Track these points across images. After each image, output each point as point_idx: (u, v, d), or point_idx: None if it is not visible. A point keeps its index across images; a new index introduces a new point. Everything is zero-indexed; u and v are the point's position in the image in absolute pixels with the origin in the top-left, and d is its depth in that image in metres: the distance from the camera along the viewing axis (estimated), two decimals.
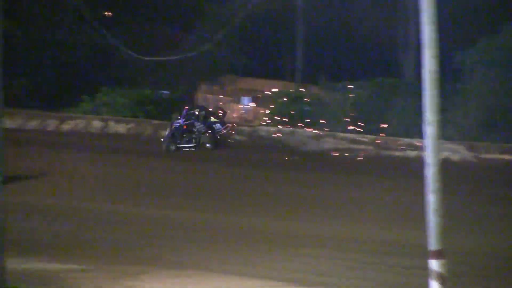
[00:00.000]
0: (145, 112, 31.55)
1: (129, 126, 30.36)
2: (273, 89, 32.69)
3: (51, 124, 31.31)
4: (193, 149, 26.82)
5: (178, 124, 26.85)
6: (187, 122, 26.98)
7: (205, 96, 36.10)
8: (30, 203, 18.53)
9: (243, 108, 34.74)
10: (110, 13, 39.52)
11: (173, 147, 26.68)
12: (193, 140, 26.91)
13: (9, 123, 27.64)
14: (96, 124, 30.80)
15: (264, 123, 30.19)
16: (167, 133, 27.21)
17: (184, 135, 26.94)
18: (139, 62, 32.78)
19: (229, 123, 28.61)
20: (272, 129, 28.77)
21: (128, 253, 14.04)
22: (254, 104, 34.69)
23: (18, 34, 34.80)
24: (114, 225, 16.62)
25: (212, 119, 27.51)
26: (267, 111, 30.86)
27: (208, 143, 27.00)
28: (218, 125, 27.39)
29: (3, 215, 9.52)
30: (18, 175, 20.77)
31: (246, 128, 29.26)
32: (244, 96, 35.23)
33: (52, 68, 36.53)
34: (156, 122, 30.21)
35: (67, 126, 30.91)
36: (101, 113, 31.86)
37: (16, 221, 15.34)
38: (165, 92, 33.99)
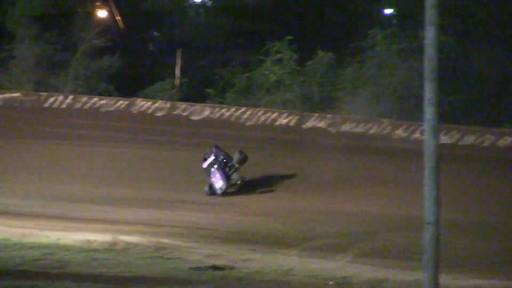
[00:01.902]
0: None
1: None
2: None
3: (488, 139, 31.05)
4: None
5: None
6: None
7: None
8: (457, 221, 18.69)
9: None
10: None
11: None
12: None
13: (444, 138, 28.17)
14: None
15: None
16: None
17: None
18: None
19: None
20: None
21: None
22: None
23: (457, 49, 35.12)
24: None
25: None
26: None
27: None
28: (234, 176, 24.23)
29: (438, 230, 9.68)
30: None
31: None
32: None
33: (487, 83, 36.43)
34: None
35: (504, 142, 30.46)
36: None
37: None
38: None
